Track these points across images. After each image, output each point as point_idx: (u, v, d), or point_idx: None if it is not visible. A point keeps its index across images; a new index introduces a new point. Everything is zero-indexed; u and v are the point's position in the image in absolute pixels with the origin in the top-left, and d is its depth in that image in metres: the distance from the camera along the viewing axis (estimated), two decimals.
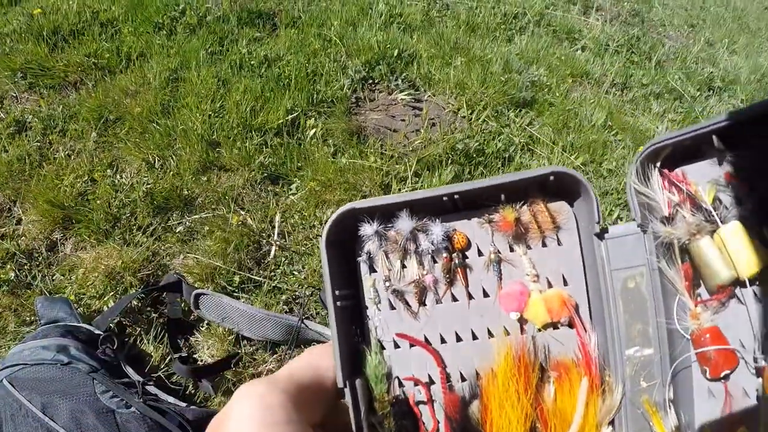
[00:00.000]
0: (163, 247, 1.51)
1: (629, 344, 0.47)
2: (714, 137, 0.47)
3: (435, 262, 0.54)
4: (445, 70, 2.12)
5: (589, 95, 2.35)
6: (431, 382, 0.52)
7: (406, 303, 0.53)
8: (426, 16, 2.38)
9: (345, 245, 0.52)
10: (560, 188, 0.50)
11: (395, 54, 2.07)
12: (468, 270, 0.54)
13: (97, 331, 1.27)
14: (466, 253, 0.54)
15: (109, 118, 1.76)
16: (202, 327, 1.40)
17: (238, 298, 1.41)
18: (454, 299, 0.53)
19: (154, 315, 1.39)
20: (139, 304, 1.39)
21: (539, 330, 0.51)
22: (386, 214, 0.51)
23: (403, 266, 0.54)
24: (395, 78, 2.02)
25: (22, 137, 1.71)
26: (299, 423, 0.40)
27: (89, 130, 1.73)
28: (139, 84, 1.86)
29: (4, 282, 1.40)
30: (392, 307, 0.53)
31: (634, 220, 0.48)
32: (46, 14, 2.04)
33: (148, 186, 1.60)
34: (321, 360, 0.46)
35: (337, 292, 0.48)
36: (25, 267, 1.45)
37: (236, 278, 1.45)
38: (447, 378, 0.52)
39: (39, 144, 1.70)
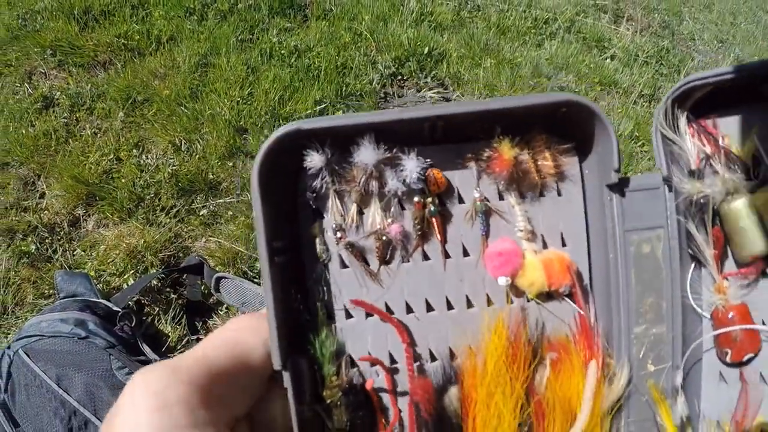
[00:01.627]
0: (185, 229, 1.50)
1: (638, 321, 0.40)
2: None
3: (403, 208, 0.41)
4: (475, 70, 2.10)
5: (616, 104, 2.32)
6: (393, 361, 0.41)
7: (364, 260, 0.41)
8: (457, 16, 2.37)
9: (289, 182, 0.40)
10: (569, 126, 0.40)
11: (425, 52, 2.05)
12: (446, 221, 0.42)
13: (115, 308, 1.25)
14: (444, 199, 0.42)
15: (136, 99, 1.75)
16: (221, 310, 1.38)
17: (259, 284, 1.39)
18: (426, 257, 0.42)
19: (173, 296, 1.37)
20: (159, 285, 1.38)
21: (529, 300, 0.42)
22: (345, 141, 0.39)
23: (361, 212, 0.41)
24: (424, 76, 2.01)
25: (49, 113, 1.71)
26: (208, 425, 0.30)
27: (116, 110, 1.72)
28: (169, 67, 1.86)
29: (25, 254, 1.39)
30: (344, 266, 0.41)
31: (656, 171, 0.41)
32: None
33: (174, 168, 1.58)
34: (245, 335, 0.35)
35: (274, 244, 0.36)
36: (47, 241, 1.44)
37: (258, 264, 1.43)
38: (414, 357, 0.41)
39: (66, 120, 1.69)
